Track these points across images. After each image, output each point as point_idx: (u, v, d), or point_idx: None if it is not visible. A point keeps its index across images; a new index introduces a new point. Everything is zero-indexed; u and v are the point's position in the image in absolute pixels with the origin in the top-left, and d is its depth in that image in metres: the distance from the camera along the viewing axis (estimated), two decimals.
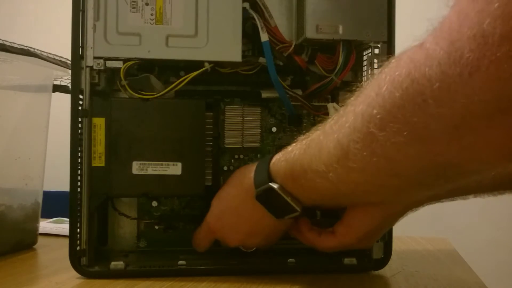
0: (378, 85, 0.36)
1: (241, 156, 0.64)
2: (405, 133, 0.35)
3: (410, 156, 0.36)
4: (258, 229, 0.54)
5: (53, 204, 0.82)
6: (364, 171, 0.40)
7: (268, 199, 0.51)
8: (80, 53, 0.55)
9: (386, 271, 0.58)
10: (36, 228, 0.71)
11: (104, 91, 0.58)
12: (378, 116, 0.36)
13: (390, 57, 0.40)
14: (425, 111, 0.32)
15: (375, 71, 0.58)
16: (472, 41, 0.28)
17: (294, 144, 0.49)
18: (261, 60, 0.59)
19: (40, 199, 0.71)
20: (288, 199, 0.49)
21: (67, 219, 0.57)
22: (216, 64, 0.58)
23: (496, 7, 0.27)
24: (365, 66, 0.60)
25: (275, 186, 0.49)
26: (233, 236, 0.56)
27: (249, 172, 0.53)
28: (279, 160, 0.50)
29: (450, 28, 0.30)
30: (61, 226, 0.79)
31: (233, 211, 0.55)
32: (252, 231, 0.55)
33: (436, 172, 0.38)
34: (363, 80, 0.61)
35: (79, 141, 0.55)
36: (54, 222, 0.83)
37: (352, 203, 0.50)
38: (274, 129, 0.64)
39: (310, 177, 0.46)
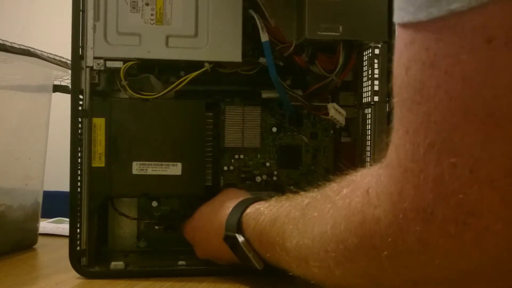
0: (334, 219, 0.34)
1: (241, 156, 0.64)
2: (362, 277, 0.33)
3: None
4: (225, 258, 0.53)
5: (53, 204, 0.81)
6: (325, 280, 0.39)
7: (233, 245, 0.50)
8: (80, 53, 0.55)
9: None
10: (36, 228, 0.71)
11: (104, 91, 0.58)
12: (333, 255, 0.34)
13: (340, 178, 0.36)
14: (381, 266, 0.30)
15: (375, 71, 0.58)
16: (416, 215, 0.27)
17: (268, 204, 0.48)
18: (261, 60, 0.59)
19: (40, 199, 0.71)
20: (250, 255, 0.48)
21: (67, 219, 0.57)
22: (216, 64, 0.58)
23: (432, 187, 0.26)
24: (365, 66, 0.60)
25: (240, 239, 0.48)
26: (201, 252, 0.57)
27: (228, 206, 0.52)
28: (251, 215, 0.49)
29: (390, 199, 0.28)
30: (61, 226, 0.79)
31: (205, 234, 0.55)
32: (218, 256, 0.54)
33: None
34: (363, 80, 0.61)
35: (79, 141, 0.55)
36: (54, 222, 0.83)
37: None
38: (274, 129, 0.64)
39: (273, 254, 0.44)
